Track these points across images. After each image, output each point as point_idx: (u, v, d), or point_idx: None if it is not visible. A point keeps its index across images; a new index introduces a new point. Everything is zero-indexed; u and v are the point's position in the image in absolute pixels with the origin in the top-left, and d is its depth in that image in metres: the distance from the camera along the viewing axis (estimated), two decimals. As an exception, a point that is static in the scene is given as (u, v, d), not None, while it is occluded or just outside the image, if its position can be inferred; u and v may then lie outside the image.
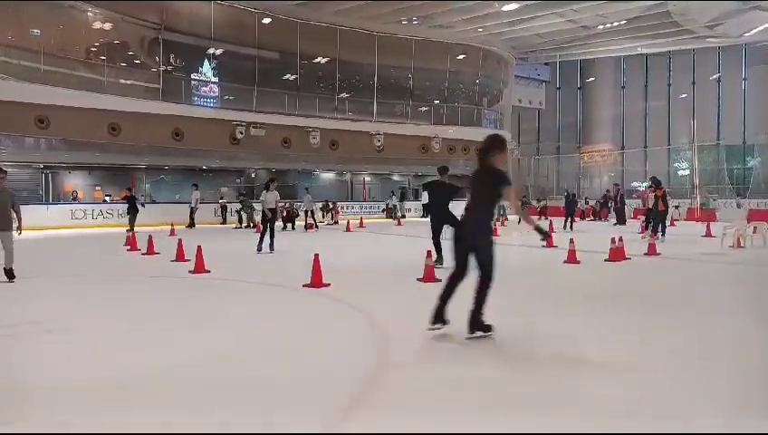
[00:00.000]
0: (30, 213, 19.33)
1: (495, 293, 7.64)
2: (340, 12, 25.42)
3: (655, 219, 14.36)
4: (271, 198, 12.38)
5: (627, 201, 24.16)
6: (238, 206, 22.67)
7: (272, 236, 12.12)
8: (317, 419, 3.21)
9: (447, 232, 9.82)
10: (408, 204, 30.52)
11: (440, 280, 7.90)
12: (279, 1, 23.99)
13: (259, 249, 11.83)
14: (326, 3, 24.39)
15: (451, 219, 9.64)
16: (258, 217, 20.77)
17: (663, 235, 14.15)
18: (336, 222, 24.35)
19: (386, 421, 3.16)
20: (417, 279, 8.02)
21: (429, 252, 8.28)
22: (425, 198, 29.40)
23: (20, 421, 3.22)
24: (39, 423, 3.19)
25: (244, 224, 21.77)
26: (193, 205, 21.46)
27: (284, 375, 4.04)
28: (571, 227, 19.52)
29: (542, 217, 23.65)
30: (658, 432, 3.04)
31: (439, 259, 9.06)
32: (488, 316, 6.19)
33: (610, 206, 24.02)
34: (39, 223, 19.35)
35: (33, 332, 5.33)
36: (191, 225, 21.08)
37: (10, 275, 8.23)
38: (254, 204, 22.19)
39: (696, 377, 3.95)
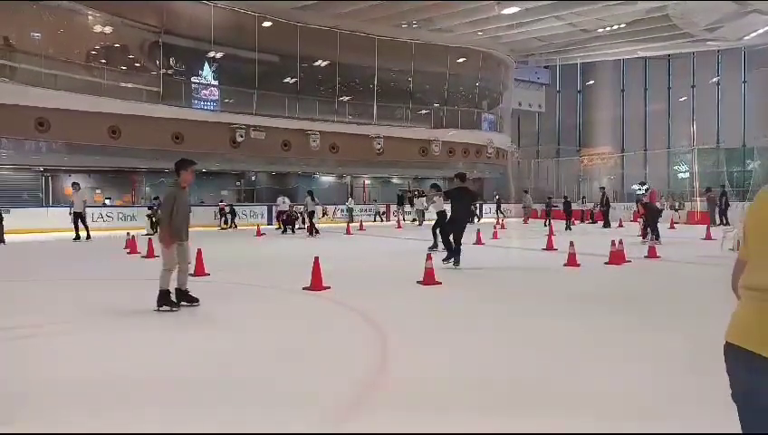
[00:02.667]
0: (30, 216, 19.47)
1: (496, 295, 7.66)
2: (340, 15, 25.48)
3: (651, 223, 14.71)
4: (441, 202, 12.71)
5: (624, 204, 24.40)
6: (149, 211, 20.03)
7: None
8: (317, 419, 3.21)
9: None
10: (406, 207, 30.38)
11: (440, 283, 7.95)
12: (280, 1, 23.97)
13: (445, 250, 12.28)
14: (326, 5, 24.41)
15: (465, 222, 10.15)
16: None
17: (657, 238, 14.37)
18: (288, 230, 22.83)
19: (386, 422, 3.16)
20: (417, 282, 8.02)
21: (429, 255, 8.28)
22: (420, 204, 29.49)
23: (20, 422, 3.22)
24: (39, 423, 3.19)
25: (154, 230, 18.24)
26: (77, 210, 16.59)
27: (284, 376, 4.04)
28: (570, 227, 20.73)
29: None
30: (658, 432, 3.04)
31: (457, 260, 9.61)
32: (488, 318, 6.20)
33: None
34: (39, 226, 19.41)
35: (34, 334, 5.33)
36: (79, 236, 16.60)
37: (188, 297, 6.54)
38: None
39: (695, 378, 3.95)
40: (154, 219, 19.58)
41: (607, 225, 22.24)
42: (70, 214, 16.73)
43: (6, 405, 3.50)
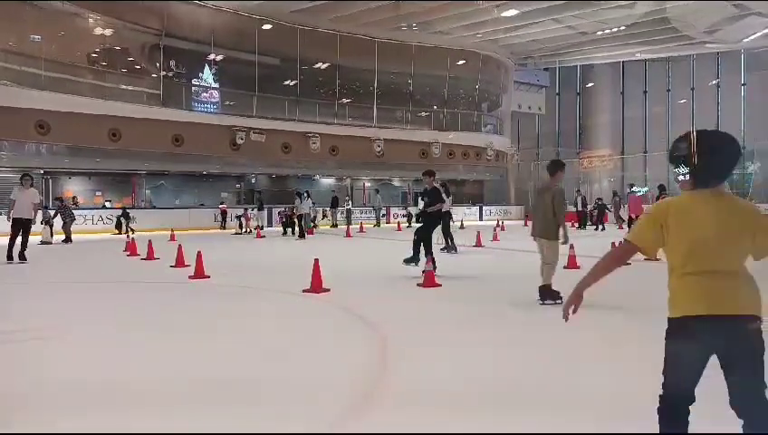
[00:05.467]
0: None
1: (495, 296, 7.66)
2: (340, 18, 25.52)
3: None
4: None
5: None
6: (50, 213, 17.62)
7: None
8: (317, 419, 3.21)
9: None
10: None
11: (440, 284, 7.95)
12: (280, 1, 24.00)
13: None
14: (326, 8, 24.43)
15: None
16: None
17: None
18: (248, 231, 21.96)
19: (386, 421, 3.16)
20: (417, 284, 8.02)
21: (431, 257, 8.26)
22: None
23: (18, 422, 3.23)
24: (38, 424, 3.19)
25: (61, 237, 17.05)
26: (20, 215, 10.97)
27: (284, 377, 4.04)
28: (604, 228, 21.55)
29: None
30: (658, 433, 3.04)
31: (416, 259, 9.36)
32: (488, 319, 6.20)
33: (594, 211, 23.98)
34: (38, 228, 19.32)
35: (32, 336, 5.33)
36: (23, 255, 11.13)
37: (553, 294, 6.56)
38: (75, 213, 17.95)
39: (695, 379, 3.95)
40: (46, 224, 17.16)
41: (582, 227, 22.20)
42: (9, 220, 11.15)
43: (5, 406, 3.50)
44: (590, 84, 38.99)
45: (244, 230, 22.04)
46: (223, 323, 5.96)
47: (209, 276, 9.04)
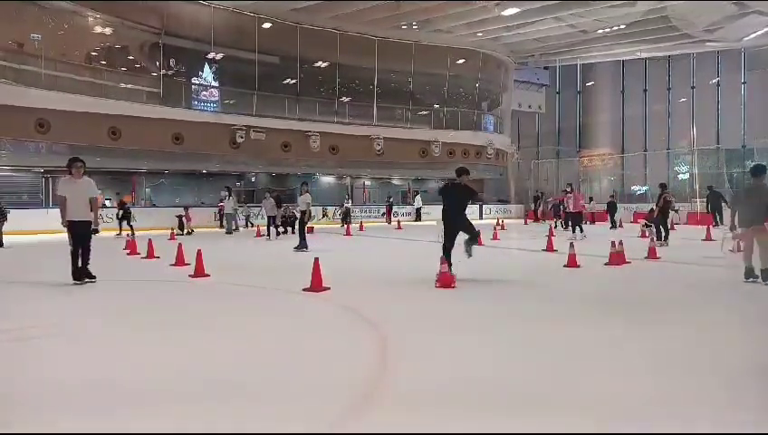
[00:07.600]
0: (30, 217, 19.47)
1: (495, 295, 7.66)
2: (340, 16, 25.51)
3: (656, 223, 14.85)
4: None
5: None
6: None
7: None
8: (317, 419, 3.21)
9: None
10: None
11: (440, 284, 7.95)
12: (280, 1, 23.96)
13: None
14: (326, 6, 24.41)
15: (466, 225, 8.74)
16: None
17: (666, 237, 14.51)
18: (190, 232, 20.59)
19: (386, 421, 3.16)
20: (417, 283, 8.01)
21: (443, 258, 8.18)
22: (417, 202, 29.35)
23: (18, 422, 3.23)
24: (38, 424, 3.19)
25: None
26: (76, 216, 8.59)
27: (284, 376, 4.04)
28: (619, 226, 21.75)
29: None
30: (658, 432, 3.04)
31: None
32: (488, 318, 6.20)
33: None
34: (39, 226, 19.35)
35: (32, 335, 5.33)
36: (86, 271, 8.78)
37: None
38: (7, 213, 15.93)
39: (695, 379, 3.95)
40: None
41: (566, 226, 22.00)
42: (63, 225, 8.52)
43: (5, 406, 3.50)
44: (590, 83, 38.96)
45: (185, 231, 20.60)
46: (223, 322, 5.96)
47: (209, 275, 9.05)
